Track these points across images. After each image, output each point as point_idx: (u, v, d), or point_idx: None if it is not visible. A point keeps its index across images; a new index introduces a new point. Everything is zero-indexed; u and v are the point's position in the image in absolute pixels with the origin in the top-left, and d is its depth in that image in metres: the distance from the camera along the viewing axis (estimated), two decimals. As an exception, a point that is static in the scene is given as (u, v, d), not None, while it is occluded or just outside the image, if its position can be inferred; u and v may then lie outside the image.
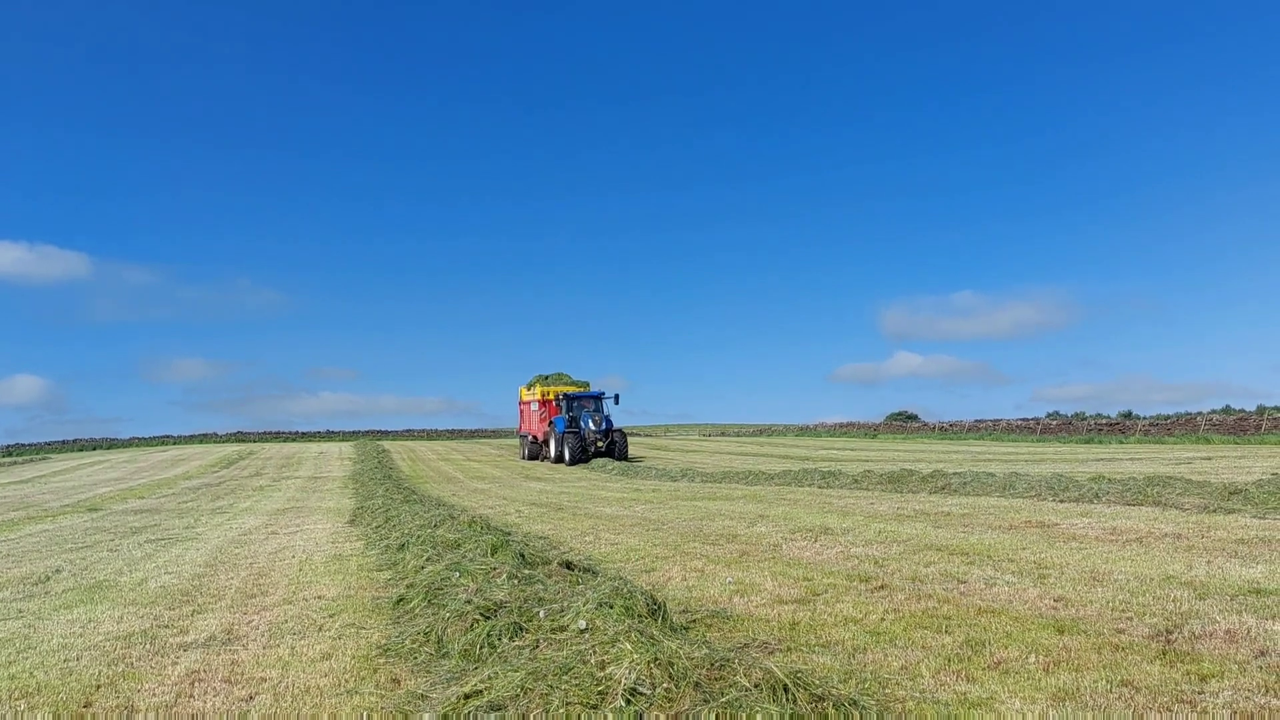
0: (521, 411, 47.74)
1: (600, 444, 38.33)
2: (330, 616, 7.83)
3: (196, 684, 5.88)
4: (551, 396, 43.57)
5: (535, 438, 43.81)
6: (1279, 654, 5.47)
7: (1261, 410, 52.43)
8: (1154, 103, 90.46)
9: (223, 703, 5.48)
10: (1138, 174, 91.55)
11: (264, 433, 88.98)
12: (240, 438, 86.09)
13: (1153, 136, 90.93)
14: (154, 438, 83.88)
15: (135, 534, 15.25)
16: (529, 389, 46.13)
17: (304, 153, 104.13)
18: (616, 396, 40.89)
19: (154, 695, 5.67)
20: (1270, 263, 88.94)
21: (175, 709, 5.38)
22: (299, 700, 5.45)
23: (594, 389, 43.62)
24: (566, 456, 37.33)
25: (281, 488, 28.78)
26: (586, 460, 37.28)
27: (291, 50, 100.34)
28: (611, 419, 39.84)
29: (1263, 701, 4.65)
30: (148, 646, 6.95)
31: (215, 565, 11.27)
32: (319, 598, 8.77)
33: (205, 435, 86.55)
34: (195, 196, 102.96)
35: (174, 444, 79.61)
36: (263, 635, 7.22)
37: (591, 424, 38.52)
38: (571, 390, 42.82)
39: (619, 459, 37.72)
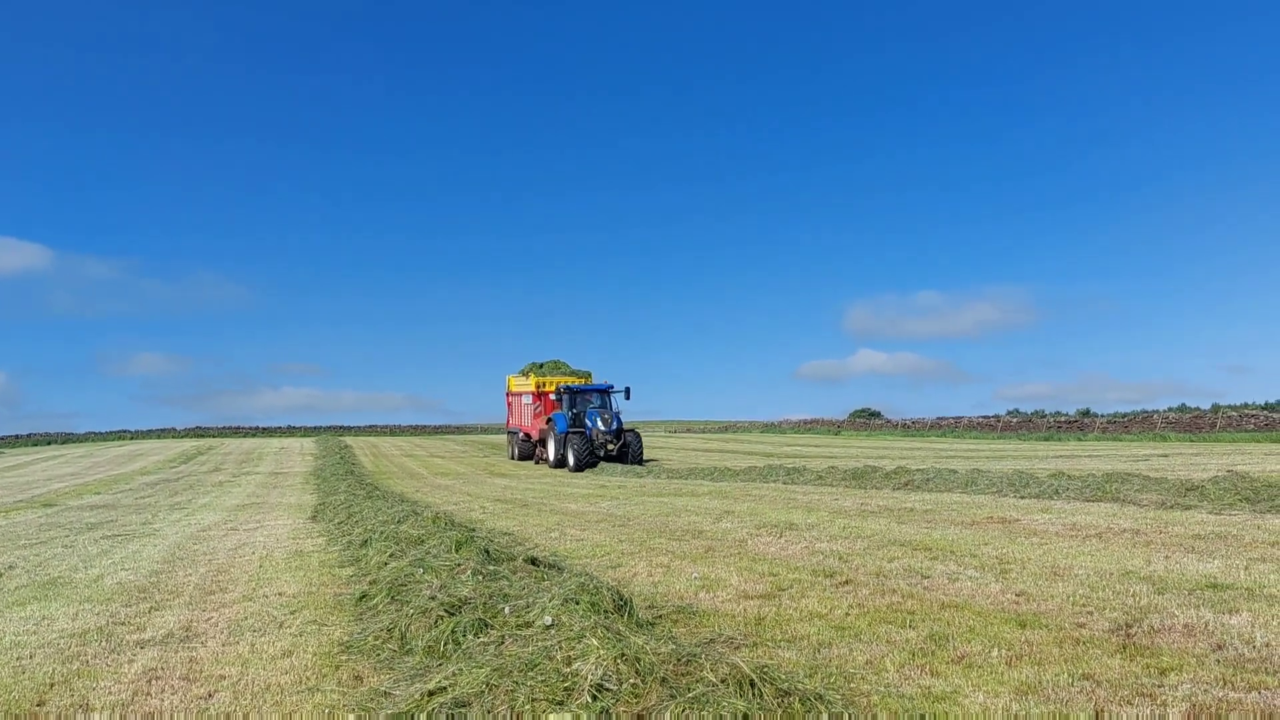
0: (510, 404, 41.01)
1: (611, 446, 32.64)
2: (291, 613, 7.73)
3: (154, 682, 5.77)
4: (549, 389, 37.17)
5: (528, 435, 37.95)
6: (1236, 647, 5.56)
7: (1216, 409, 53.42)
8: (1113, 108, 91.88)
9: (181, 701, 5.39)
10: (1096, 178, 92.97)
11: (224, 428, 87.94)
12: (199, 433, 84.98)
13: (1112, 141, 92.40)
14: (111, 433, 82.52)
15: (91, 530, 14.98)
16: (522, 378, 39.75)
17: (270, 147, 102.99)
18: (627, 390, 34.38)
19: (110, 693, 5.55)
20: (1225, 265, 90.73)
21: (132, 707, 5.28)
22: (259, 698, 5.37)
23: (598, 381, 37.34)
24: (570, 461, 31.27)
25: (242, 483, 28.41)
26: (594, 465, 31.89)
27: (257, 41, 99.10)
28: (621, 416, 34.07)
29: (1220, 694, 4.72)
30: (104, 644, 6.81)
31: (173, 561, 11.09)
32: (280, 594, 8.66)
33: (163, 430, 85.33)
34: (160, 189, 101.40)
35: (131, 439, 78.37)
36: (222, 632, 7.11)
37: (600, 423, 32.83)
38: (572, 382, 36.60)
39: (633, 463, 32.06)
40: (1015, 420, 62.35)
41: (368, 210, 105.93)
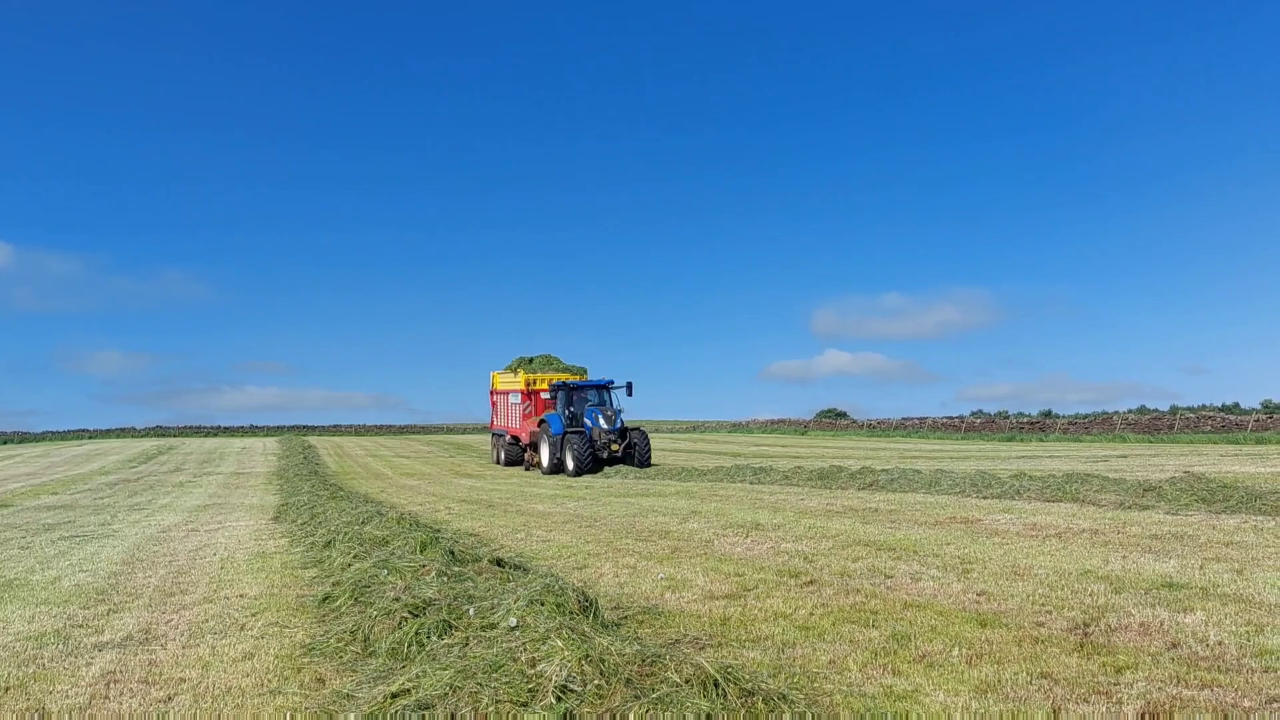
0: (495, 404, 36.98)
1: (615, 448, 29.36)
2: (253, 615, 7.66)
3: (112, 685, 5.69)
4: (541, 386, 33.50)
5: (516, 439, 34.18)
6: (1190, 646, 5.66)
7: (1174, 410, 54.42)
8: (1074, 114, 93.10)
9: (140, 704, 5.32)
10: (1057, 181, 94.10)
11: (185, 427, 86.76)
12: (160, 432, 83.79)
13: (1073, 147, 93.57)
14: (69, 432, 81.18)
15: (48, 531, 14.72)
16: (509, 374, 35.73)
17: (239, 143, 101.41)
18: (629, 386, 30.77)
19: (67, 697, 5.47)
20: (1183, 268, 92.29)
21: (90, 711, 5.21)
22: (220, 701, 5.32)
23: (593, 377, 33.33)
24: (570, 465, 28.14)
25: (203, 484, 28.07)
26: (598, 469, 28.66)
27: (222, 33, 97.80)
28: (623, 415, 30.75)
29: (1175, 692, 4.81)
30: (61, 647, 6.71)
31: (133, 563, 10.94)
32: (241, 596, 8.58)
33: (123, 430, 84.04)
34: (128, 186, 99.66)
35: (90, 438, 77.11)
36: (182, 635, 7.02)
37: (602, 421, 29.55)
38: (567, 379, 32.72)
39: (640, 465, 28.93)
40: (979, 421, 63.07)
41: (336, 207, 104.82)
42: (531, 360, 34.75)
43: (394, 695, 4.81)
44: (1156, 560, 8.56)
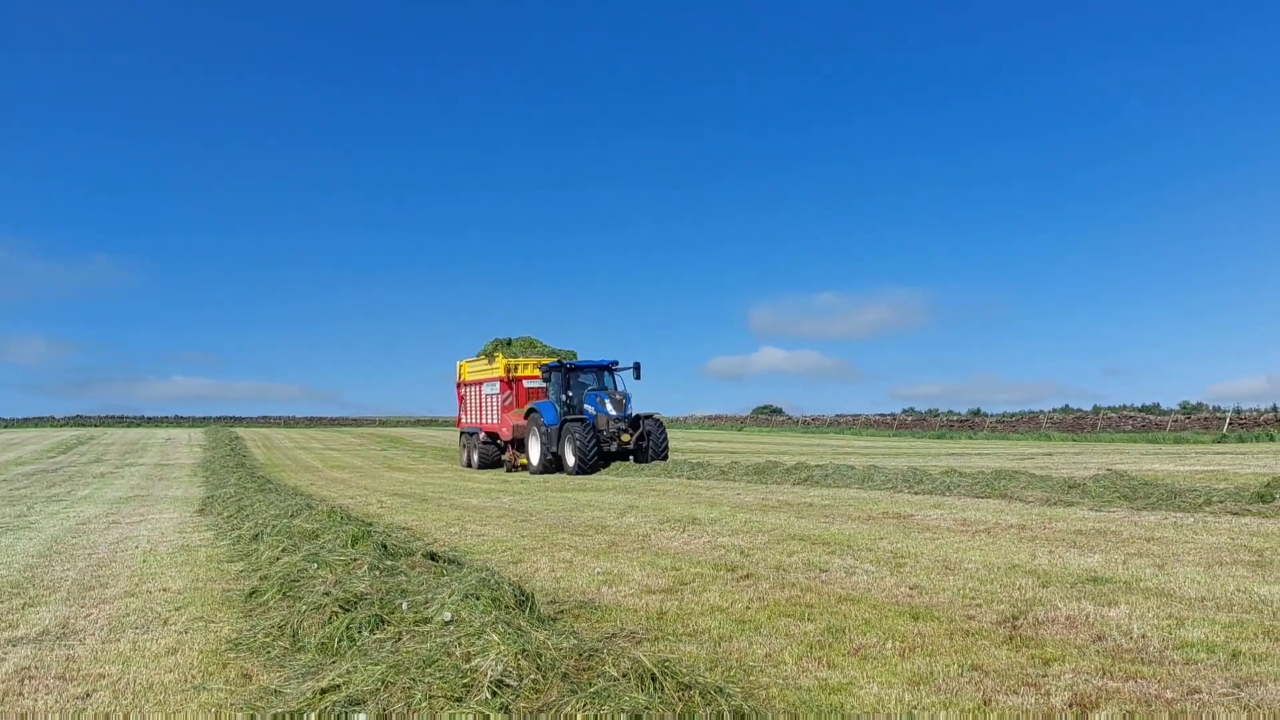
0: (463, 397, 31.82)
1: (626, 438, 24.97)
2: (176, 609, 7.44)
3: (27, 681, 5.47)
4: (527, 373, 28.42)
5: (494, 436, 29.06)
6: (1114, 638, 5.80)
7: (1097, 410, 56.04)
8: (1000, 120, 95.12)
9: (56, 701, 5.12)
10: (986, 184, 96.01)
11: (106, 417, 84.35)
12: (80, 422, 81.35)
13: (996, 150, 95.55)
14: (-17, 421, 78.31)
15: (-41, 523, 14.16)
16: (482, 362, 30.32)
17: (172, 131, 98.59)
18: (637, 367, 26.24)
19: (-25, 696, 5.24)
20: (1105, 273, 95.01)
21: (2, 708, 5.00)
22: (141, 697, 5.14)
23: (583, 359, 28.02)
24: (570, 461, 23.86)
25: (125, 475, 27.27)
26: (605, 464, 24.77)
27: (162, 21, 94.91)
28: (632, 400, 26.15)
29: (1100, 684, 4.91)
30: (-30, 643, 6.43)
31: (50, 556, 10.57)
32: (164, 590, 8.33)
33: (41, 419, 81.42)
34: (58, 170, 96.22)
35: (5, 428, 74.42)
36: (102, 629, 6.79)
37: (610, 406, 25.13)
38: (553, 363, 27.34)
39: (655, 459, 25.09)
40: (910, 418, 64.24)
41: (268, 198, 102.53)
42: (510, 343, 29.63)
43: (324, 691, 4.69)
44: (1082, 555, 8.76)
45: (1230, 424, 44.30)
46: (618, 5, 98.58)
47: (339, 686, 4.70)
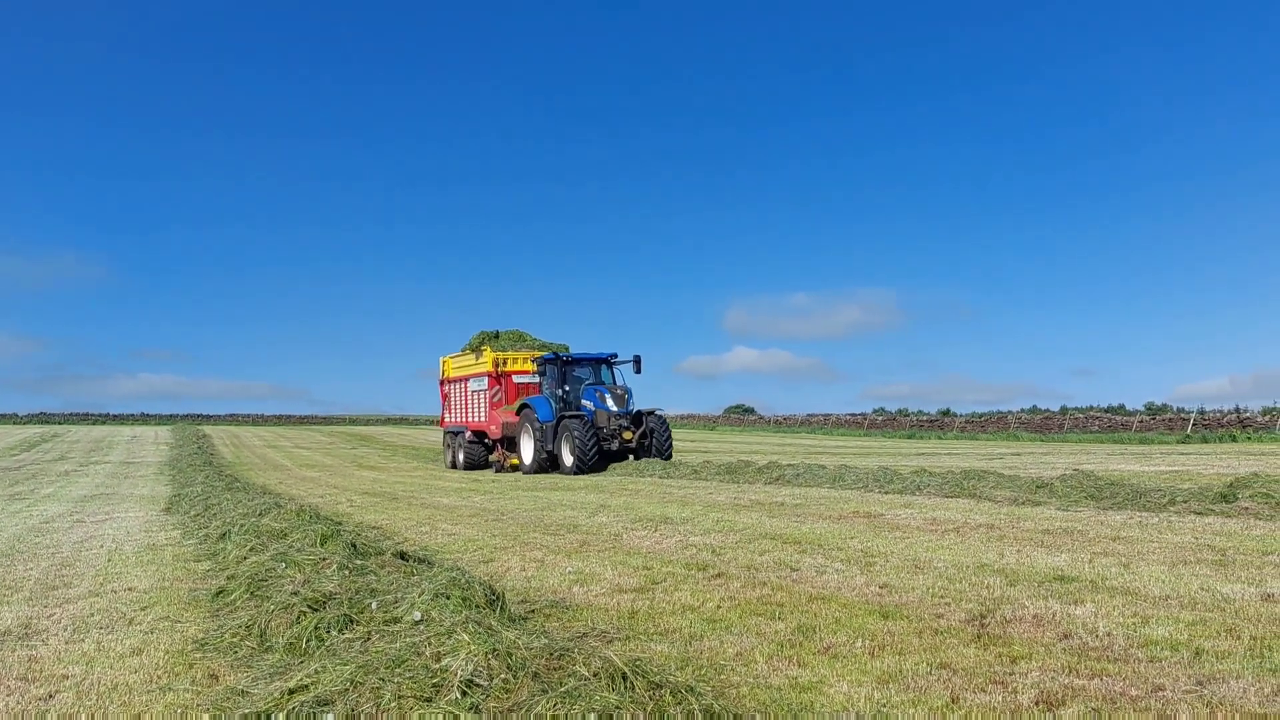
0: (446, 395, 30.53)
1: (628, 436, 23.94)
2: (142, 609, 7.35)
3: (-15, 684, 5.38)
4: (518, 367, 26.91)
5: (481, 435, 27.72)
6: (1081, 637, 5.86)
7: (1064, 410, 56.71)
8: (969, 123, 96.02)
9: (18, 702, 5.04)
10: (955, 185, 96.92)
11: (71, 414, 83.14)
12: (44, 419, 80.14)
13: (964, 150, 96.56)
14: (-56, 418, 76.96)
15: (-82, 522, 13.91)
16: (467, 356, 28.92)
17: (141, 127, 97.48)
18: (637, 360, 24.88)
19: (-66, 698, 5.15)
20: (1073, 275, 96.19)
21: (-41, 712, 4.91)
22: (105, 698, 5.07)
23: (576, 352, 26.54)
24: (568, 459, 22.88)
25: (90, 473, 26.90)
26: (603, 464, 23.66)
27: (131, 16, 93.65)
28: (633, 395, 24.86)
29: (1066, 681, 4.96)
30: (-72, 644, 6.31)
31: (12, 555, 10.40)
32: (129, 590, 8.22)
33: (4, 416, 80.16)
34: (18, 165, 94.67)
35: (-33, 425, 73.19)
36: (65, 630, 6.69)
37: (610, 402, 23.94)
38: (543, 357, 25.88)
39: (657, 457, 24.02)
40: (881, 418, 64.66)
41: (237, 194, 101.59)
42: (498, 335, 28.15)
43: (291, 691, 4.64)
44: (1049, 554, 8.85)
45: (1194, 425, 44.95)
46: (594, 6, 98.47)
47: (307, 687, 4.66)
